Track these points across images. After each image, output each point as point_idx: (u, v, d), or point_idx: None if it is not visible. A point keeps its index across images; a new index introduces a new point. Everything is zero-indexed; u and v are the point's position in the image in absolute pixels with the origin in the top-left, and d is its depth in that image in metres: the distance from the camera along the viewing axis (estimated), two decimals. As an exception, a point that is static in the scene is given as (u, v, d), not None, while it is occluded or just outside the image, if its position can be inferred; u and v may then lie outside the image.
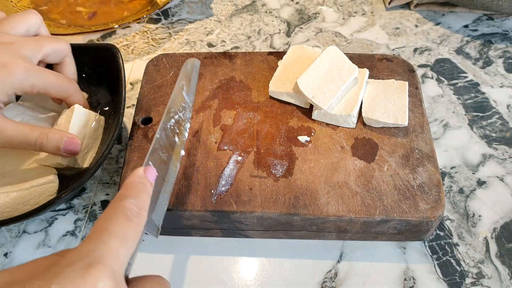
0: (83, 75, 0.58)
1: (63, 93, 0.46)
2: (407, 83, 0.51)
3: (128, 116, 0.58)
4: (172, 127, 0.40)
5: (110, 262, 0.24)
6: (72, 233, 0.48)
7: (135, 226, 0.27)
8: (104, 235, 0.25)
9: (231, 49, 0.66)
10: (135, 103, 0.58)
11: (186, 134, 0.41)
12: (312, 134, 0.49)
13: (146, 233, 0.32)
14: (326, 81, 0.50)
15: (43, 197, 0.46)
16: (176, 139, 0.40)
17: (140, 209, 0.28)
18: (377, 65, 0.55)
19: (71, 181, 0.49)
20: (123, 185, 0.31)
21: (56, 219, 0.49)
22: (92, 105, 0.55)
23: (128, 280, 0.28)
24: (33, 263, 0.26)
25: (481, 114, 0.57)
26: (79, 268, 0.23)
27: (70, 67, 0.49)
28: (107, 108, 0.55)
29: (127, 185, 0.30)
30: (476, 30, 0.68)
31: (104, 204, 0.50)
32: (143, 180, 0.31)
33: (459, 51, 0.65)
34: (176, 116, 0.41)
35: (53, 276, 0.23)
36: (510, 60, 0.64)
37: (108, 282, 0.23)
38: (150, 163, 0.35)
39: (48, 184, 0.47)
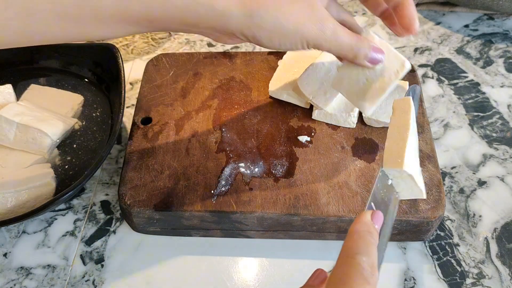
0: (82, 75, 0.58)
1: None
2: (407, 82, 0.51)
3: (128, 116, 0.57)
4: None
5: None
6: (72, 233, 0.48)
7: None
8: None
9: (231, 48, 0.66)
10: (134, 103, 0.58)
11: None
12: (313, 134, 0.49)
13: None
14: (326, 81, 0.50)
15: (39, 200, 0.46)
16: None
17: (373, 268, 0.27)
18: (378, 65, 0.55)
19: (71, 181, 0.49)
20: (349, 234, 0.29)
21: (56, 219, 0.49)
22: (91, 105, 0.55)
23: None
24: None
25: (481, 114, 0.57)
26: None
27: None
28: (106, 108, 0.55)
29: (355, 234, 0.28)
30: (476, 30, 0.68)
31: (104, 204, 0.50)
32: (370, 229, 0.29)
33: (460, 51, 0.65)
34: None
35: None
36: (510, 60, 0.64)
37: None
38: (373, 205, 0.32)
39: (45, 187, 0.47)
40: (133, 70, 0.64)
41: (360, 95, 0.41)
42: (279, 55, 0.57)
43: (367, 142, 0.48)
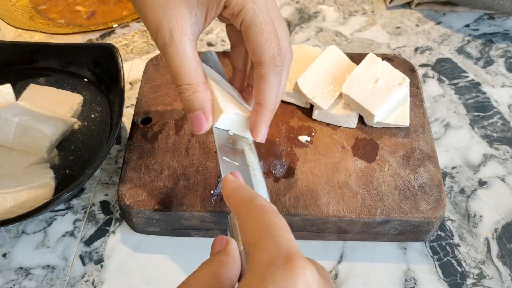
0: (82, 75, 0.57)
1: None
2: (408, 80, 0.51)
3: (128, 116, 0.57)
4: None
5: (300, 251, 0.25)
6: (71, 234, 0.48)
7: (280, 217, 0.27)
8: (272, 232, 0.25)
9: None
10: (134, 103, 0.57)
11: None
12: (313, 134, 0.49)
13: None
14: (326, 81, 0.49)
15: (38, 200, 0.46)
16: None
17: (268, 202, 0.29)
18: (378, 64, 0.55)
19: (70, 181, 0.48)
20: (229, 195, 0.31)
21: (55, 219, 0.49)
22: (90, 105, 0.55)
23: None
24: (207, 278, 0.27)
25: (482, 114, 0.57)
26: (281, 264, 0.23)
27: None
28: (106, 108, 0.55)
29: (233, 192, 0.30)
30: (477, 30, 0.68)
31: (103, 204, 0.50)
32: (240, 182, 0.32)
33: (460, 50, 0.65)
34: None
35: (262, 280, 0.23)
36: (511, 60, 0.64)
37: (311, 267, 0.24)
38: (225, 170, 0.35)
39: (44, 187, 0.47)
40: (132, 70, 0.64)
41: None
42: (279, 54, 0.56)
43: (367, 142, 0.48)
